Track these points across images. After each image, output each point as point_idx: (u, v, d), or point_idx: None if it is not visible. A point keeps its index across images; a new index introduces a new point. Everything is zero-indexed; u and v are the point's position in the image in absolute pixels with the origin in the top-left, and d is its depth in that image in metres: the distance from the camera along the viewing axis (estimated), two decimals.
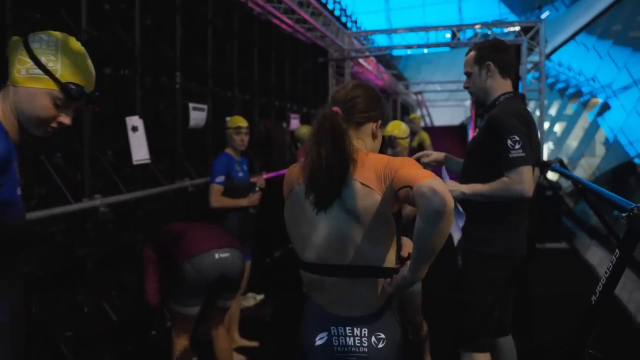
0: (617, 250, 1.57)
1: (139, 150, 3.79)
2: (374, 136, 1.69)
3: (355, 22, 12.09)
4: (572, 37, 14.51)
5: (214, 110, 5.00)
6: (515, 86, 3.01)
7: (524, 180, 2.20)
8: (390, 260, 1.54)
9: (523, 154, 2.19)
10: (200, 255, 2.86)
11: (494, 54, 2.42)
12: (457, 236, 2.42)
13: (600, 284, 1.59)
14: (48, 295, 3.14)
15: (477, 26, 7.63)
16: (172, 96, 4.36)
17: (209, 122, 4.89)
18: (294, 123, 7.12)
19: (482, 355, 2.42)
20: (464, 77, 2.57)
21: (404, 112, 18.69)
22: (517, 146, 2.19)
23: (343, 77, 8.80)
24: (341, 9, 10.27)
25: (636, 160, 9.77)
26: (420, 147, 8.02)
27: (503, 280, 2.40)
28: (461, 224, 2.39)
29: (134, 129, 3.79)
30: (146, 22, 4.13)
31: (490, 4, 31.00)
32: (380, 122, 1.70)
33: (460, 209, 2.39)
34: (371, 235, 1.50)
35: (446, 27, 7.92)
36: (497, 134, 2.25)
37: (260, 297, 5.10)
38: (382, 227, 1.50)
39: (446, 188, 1.30)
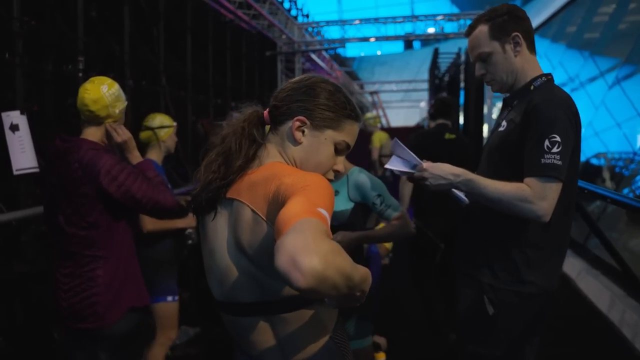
0: None
1: (21, 157, 2.88)
2: (294, 139, 1.24)
3: (307, 16, 11.33)
4: None
5: (136, 107, 4.15)
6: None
7: (548, 197, 1.58)
8: None
9: (559, 163, 1.57)
10: None
11: (517, 22, 1.76)
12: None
13: None
14: None
15: (439, 17, 7.00)
16: (74, 88, 3.46)
17: (128, 121, 4.01)
18: None
19: None
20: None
21: None
22: (555, 149, 1.56)
23: (293, 72, 8.03)
24: (291, 0, 9.48)
25: (593, 161, 9.48)
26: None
27: (540, 322, 1.79)
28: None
29: (14, 128, 2.88)
30: None
31: (442, 4, 31.08)
32: (303, 118, 1.23)
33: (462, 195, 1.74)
34: (271, 269, 1.08)
35: (403, 19, 7.28)
36: (535, 127, 1.62)
37: (194, 330, 4.25)
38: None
39: (309, 246, 0.82)
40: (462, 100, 8.72)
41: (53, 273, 2.08)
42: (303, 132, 1.24)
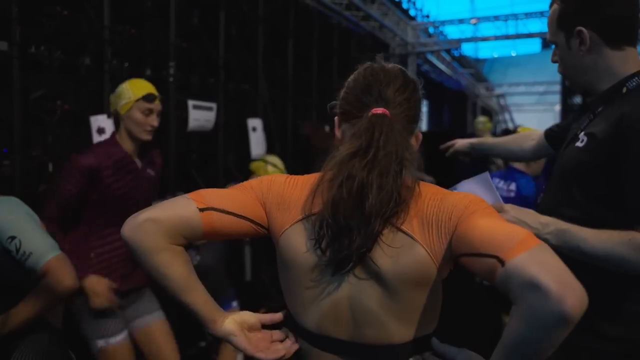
0: None
1: None
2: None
3: (427, 16, 10.88)
4: None
5: (238, 110, 4.21)
6: None
7: None
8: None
9: None
10: None
11: (589, 11, 1.32)
12: None
13: None
14: None
15: None
16: (164, 91, 3.54)
17: (220, 124, 4.05)
18: None
19: None
20: (556, 78, 1.48)
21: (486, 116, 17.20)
22: None
23: None
24: (409, 0, 9.13)
25: None
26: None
27: None
28: None
29: (101, 131, 2.99)
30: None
31: None
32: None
33: None
34: (403, 308, 0.99)
35: (525, 16, 6.65)
36: (635, 152, 1.20)
37: None
38: (422, 299, 0.99)
39: (566, 274, 0.73)
40: None
41: None
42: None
